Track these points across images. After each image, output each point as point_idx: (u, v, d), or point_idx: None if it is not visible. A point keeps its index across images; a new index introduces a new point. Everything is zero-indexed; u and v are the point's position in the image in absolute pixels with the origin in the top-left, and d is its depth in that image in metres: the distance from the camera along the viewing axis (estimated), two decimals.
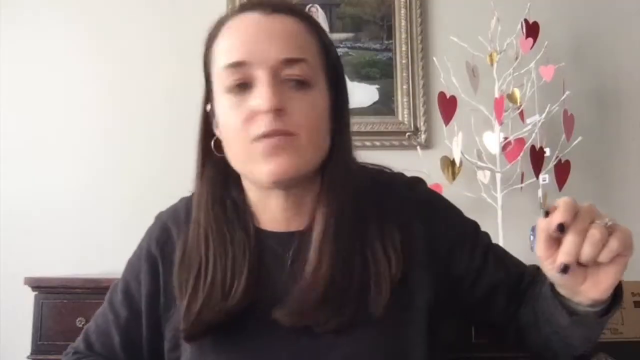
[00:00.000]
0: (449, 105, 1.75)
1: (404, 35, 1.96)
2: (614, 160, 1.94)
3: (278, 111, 0.70)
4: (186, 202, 0.87)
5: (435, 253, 0.80)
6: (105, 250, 1.88)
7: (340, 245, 0.74)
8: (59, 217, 1.91)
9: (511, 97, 1.73)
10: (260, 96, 0.70)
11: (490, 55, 1.77)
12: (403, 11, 1.97)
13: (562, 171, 1.73)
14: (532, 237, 0.65)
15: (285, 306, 0.72)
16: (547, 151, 1.71)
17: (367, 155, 0.87)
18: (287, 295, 0.73)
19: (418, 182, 0.87)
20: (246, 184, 0.81)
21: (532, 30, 1.75)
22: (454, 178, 1.74)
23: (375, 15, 2.00)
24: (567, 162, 1.73)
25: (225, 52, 0.74)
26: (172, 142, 1.95)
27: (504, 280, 0.82)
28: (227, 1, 1.96)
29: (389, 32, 1.98)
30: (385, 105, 1.94)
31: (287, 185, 0.75)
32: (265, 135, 0.70)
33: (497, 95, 1.74)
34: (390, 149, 1.92)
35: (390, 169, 0.88)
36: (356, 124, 1.86)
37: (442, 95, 1.76)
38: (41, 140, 1.96)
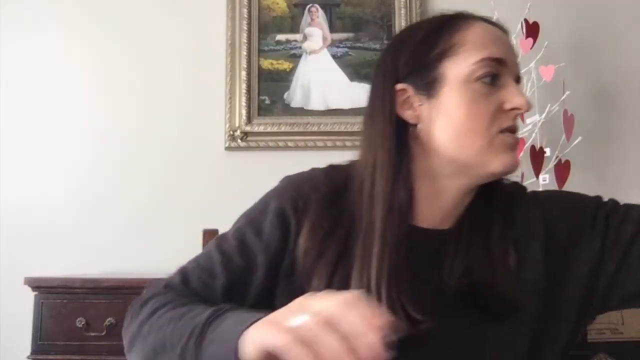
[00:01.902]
0: None
1: None
2: (614, 160, 1.94)
3: None
4: (326, 175, 0.83)
5: (555, 245, 0.80)
6: (105, 250, 1.88)
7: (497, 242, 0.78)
8: (59, 217, 1.91)
9: None
10: (520, 96, 0.76)
11: None
12: (403, 11, 1.97)
13: (562, 171, 1.73)
14: None
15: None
16: (547, 151, 1.71)
17: None
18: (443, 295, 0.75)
19: (522, 186, 0.89)
20: (422, 174, 0.79)
21: (532, 30, 1.75)
22: None
23: (375, 15, 2.01)
24: (567, 162, 1.73)
25: (482, 45, 0.77)
26: (173, 141, 1.95)
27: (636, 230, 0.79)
28: (227, 2, 1.97)
29: (389, 32, 1.98)
30: None
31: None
32: (511, 130, 0.77)
33: None
34: None
35: None
36: (356, 124, 1.86)
37: None
38: (41, 140, 1.96)
